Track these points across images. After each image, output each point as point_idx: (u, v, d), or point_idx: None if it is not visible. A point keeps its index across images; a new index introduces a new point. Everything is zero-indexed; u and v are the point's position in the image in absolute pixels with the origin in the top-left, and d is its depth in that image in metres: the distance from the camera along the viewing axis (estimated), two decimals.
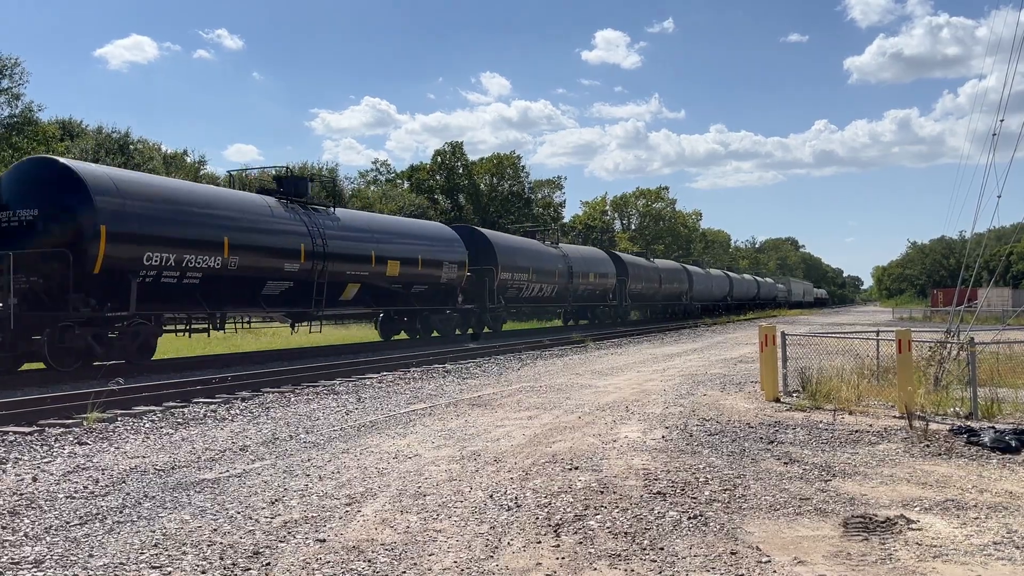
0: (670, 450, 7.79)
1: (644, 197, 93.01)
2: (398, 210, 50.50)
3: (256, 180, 38.95)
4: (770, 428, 9.06)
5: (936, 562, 4.60)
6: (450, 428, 9.25)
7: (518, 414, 10.30)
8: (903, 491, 6.21)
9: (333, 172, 58.13)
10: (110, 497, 6.23)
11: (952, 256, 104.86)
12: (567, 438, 8.49)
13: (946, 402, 10.23)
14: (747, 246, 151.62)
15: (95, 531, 5.33)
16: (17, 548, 4.98)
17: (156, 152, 47.36)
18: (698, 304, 56.85)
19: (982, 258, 18.00)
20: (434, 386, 13.82)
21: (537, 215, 67.61)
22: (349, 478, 6.75)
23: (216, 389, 12.89)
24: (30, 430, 9.39)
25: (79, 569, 4.60)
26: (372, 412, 10.70)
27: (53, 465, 7.49)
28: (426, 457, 7.59)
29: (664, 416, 9.96)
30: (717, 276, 65.49)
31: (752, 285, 78.47)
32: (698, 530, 5.21)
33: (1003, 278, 73.70)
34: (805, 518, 5.49)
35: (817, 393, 10.90)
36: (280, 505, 5.91)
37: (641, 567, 4.55)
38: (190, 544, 5.02)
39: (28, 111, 42.34)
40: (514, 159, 70.33)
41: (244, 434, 9.10)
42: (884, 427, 9.04)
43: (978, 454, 7.59)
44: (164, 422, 10.06)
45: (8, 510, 5.85)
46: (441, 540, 5.05)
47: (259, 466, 7.31)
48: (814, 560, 4.64)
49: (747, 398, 11.66)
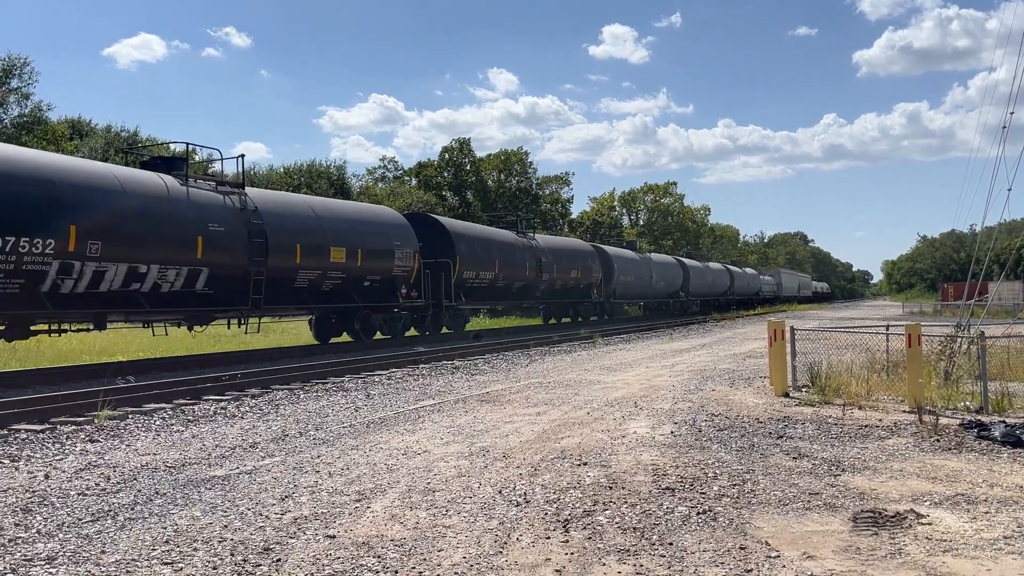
0: (679, 445, 7.78)
1: (652, 192, 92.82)
2: (406, 207, 50.01)
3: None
4: (779, 423, 9.04)
5: (946, 556, 4.59)
6: (459, 424, 9.27)
7: (527, 410, 10.31)
8: (913, 486, 6.19)
9: (341, 169, 58.24)
10: (121, 494, 6.27)
11: (962, 250, 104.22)
12: (576, 434, 8.49)
13: (956, 396, 10.19)
14: (756, 241, 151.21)
15: (107, 528, 5.37)
16: (30, 545, 5.02)
17: (165, 151, 47.44)
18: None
19: (992, 252, 17.92)
20: (443, 382, 13.84)
21: (545, 211, 67.56)
22: (359, 474, 6.78)
23: (226, 386, 12.95)
24: (42, 428, 9.46)
25: (91, 566, 4.63)
26: (381, 408, 10.73)
27: (65, 462, 7.54)
28: (435, 453, 7.61)
29: (673, 411, 9.95)
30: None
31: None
32: (707, 525, 5.21)
33: (1014, 271, 73.28)
34: (814, 513, 5.49)
35: (826, 388, 10.87)
36: (290, 501, 5.94)
37: (650, 562, 4.55)
38: (201, 540, 5.05)
39: (37, 110, 42.59)
40: (521, 155, 70.33)
41: (254, 431, 9.14)
42: (894, 422, 9.02)
43: (988, 448, 7.56)
44: (174, 419, 10.11)
45: (21, 507, 5.90)
46: (450, 536, 5.06)
47: (269, 463, 7.34)
48: (823, 555, 4.64)
49: (756, 393, 11.64)
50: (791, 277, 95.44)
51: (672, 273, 49.67)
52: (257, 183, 44.75)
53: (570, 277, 35.98)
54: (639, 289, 44.30)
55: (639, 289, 44.30)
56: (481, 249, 28.71)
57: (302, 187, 49.71)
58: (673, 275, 49.73)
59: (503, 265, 29.87)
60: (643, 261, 45.53)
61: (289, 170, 54.74)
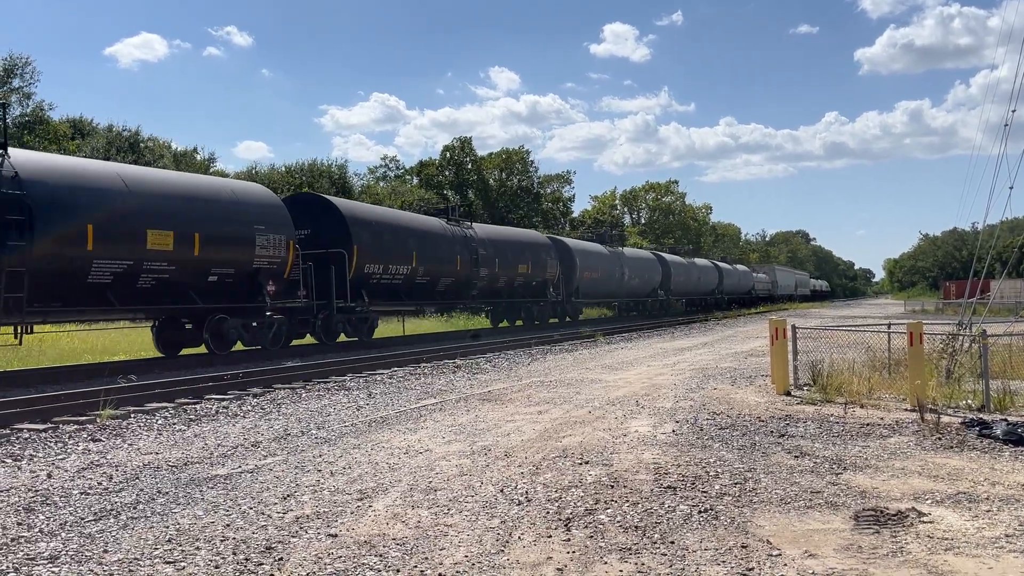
0: (680, 444, 7.79)
1: (654, 191, 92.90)
2: (407, 206, 49.38)
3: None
4: (781, 422, 9.04)
5: (948, 555, 4.59)
6: (460, 423, 9.27)
7: (528, 409, 10.31)
8: (914, 484, 6.19)
9: (342, 168, 58.27)
10: (124, 493, 6.28)
11: (964, 248, 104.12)
12: (577, 432, 8.49)
13: (958, 395, 10.18)
14: (757, 239, 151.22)
15: (109, 527, 5.38)
16: (32, 544, 5.03)
17: (166, 150, 47.58)
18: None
19: (994, 250, 17.89)
20: (444, 381, 13.84)
21: (546, 210, 67.55)
22: (360, 473, 6.79)
23: (228, 386, 12.96)
24: (44, 427, 9.48)
25: (94, 564, 4.64)
26: (383, 408, 10.73)
27: (67, 462, 7.55)
28: (437, 452, 7.62)
29: (674, 410, 9.95)
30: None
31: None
32: (708, 524, 5.22)
33: (1016, 270, 73.20)
34: (816, 511, 5.49)
35: (828, 386, 10.87)
36: (292, 500, 5.95)
37: (652, 560, 4.55)
38: (203, 539, 5.06)
39: (39, 110, 42.67)
40: (523, 154, 70.38)
41: (256, 430, 9.15)
42: (895, 420, 9.01)
43: (990, 447, 7.56)
44: (176, 418, 10.13)
45: (23, 506, 5.91)
46: (452, 534, 5.07)
47: (271, 462, 7.35)
48: (825, 553, 4.64)
49: (758, 392, 11.64)
50: (787, 274, 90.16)
51: (649, 269, 45.18)
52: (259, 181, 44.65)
53: (517, 273, 30.74)
54: (608, 287, 39.56)
55: (608, 287, 39.56)
56: (391, 238, 23.44)
57: (304, 186, 49.63)
58: (650, 272, 45.28)
59: (424, 258, 24.65)
60: (613, 256, 40.71)
61: (291, 169, 54.79)
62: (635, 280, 42.68)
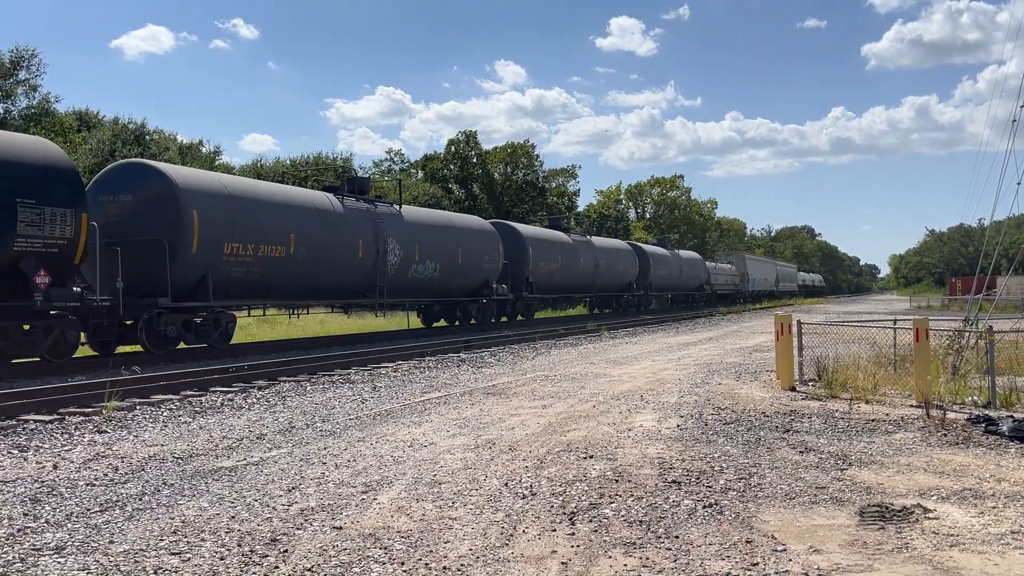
0: (685, 439, 7.78)
1: (659, 186, 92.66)
2: (411, 200, 49.37)
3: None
4: (786, 417, 9.03)
5: (953, 551, 4.58)
6: (465, 417, 9.28)
7: (533, 403, 10.31)
8: (920, 480, 6.18)
9: (348, 161, 58.24)
10: (129, 485, 6.30)
11: (971, 244, 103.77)
12: (582, 427, 8.49)
13: (964, 391, 10.15)
14: (763, 235, 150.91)
15: (115, 518, 5.40)
16: (39, 535, 5.05)
17: (172, 142, 47.55)
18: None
19: (1001, 246, 17.84)
20: (449, 375, 13.85)
21: (551, 204, 67.41)
22: (365, 466, 6.80)
23: (233, 378, 12.99)
24: (50, 418, 9.50)
25: (100, 555, 4.66)
26: (388, 401, 10.75)
27: (73, 453, 7.58)
28: (441, 446, 7.62)
29: (679, 405, 9.94)
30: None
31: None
32: (713, 519, 5.21)
33: (1022, 266, 72.98)
34: (821, 507, 5.48)
35: (833, 382, 10.85)
36: (297, 493, 5.96)
37: (656, 555, 4.55)
38: (208, 531, 5.07)
39: (45, 102, 42.68)
40: (528, 148, 70.13)
41: (261, 422, 9.17)
42: (901, 416, 8.99)
43: (996, 443, 7.54)
44: (182, 410, 10.15)
45: (30, 497, 5.93)
46: (456, 528, 5.08)
47: (276, 454, 7.37)
48: (830, 549, 4.63)
49: (762, 387, 11.62)
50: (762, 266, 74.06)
51: (623, 262, 40.81)
52: (264, 175, 44.64)
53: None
54: (572, 281, 35.69)
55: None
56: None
57: (309, 180, 49.68)
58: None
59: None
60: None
61: (296, 162, 54.80)
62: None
